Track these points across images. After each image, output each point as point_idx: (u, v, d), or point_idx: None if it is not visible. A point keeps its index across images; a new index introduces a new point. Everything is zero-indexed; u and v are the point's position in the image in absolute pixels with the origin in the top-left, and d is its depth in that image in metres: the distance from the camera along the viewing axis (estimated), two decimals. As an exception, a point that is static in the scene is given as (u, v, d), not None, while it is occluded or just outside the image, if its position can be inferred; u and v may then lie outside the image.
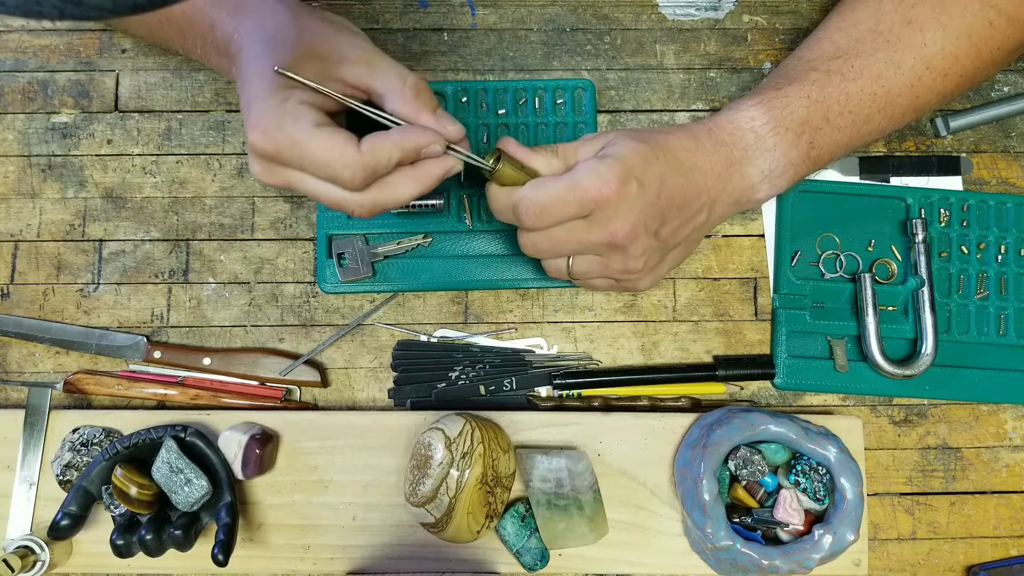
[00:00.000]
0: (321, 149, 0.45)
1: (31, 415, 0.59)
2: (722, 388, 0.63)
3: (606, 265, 0.53)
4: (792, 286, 0.64)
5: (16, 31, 0.66)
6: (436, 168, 0.49)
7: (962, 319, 0.63)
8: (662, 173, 0.50)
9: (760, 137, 0.54)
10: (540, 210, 0.49)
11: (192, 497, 0.54)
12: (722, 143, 0.54)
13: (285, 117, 0.46)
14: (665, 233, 0.52)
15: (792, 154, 0.55)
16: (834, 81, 0.55)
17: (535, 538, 0.56)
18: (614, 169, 0.48)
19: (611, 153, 0.50)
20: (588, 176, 0.48)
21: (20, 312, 0.63)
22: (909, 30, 0.55)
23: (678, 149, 0.52)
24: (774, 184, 0.56)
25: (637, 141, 0.51)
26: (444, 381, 0.62)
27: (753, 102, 0.55)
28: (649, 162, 0.50)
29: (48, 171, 0.65)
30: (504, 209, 0.52)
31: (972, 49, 0.56)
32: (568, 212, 0.49)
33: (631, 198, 0.49)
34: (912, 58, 0.55)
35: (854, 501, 0.54)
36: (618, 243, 0.50)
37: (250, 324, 0.64)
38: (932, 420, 0.63)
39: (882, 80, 0.55)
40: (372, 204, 0.48)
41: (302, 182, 0.48)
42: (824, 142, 0.55)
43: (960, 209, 0.65)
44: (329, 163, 0.46)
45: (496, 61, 0.67)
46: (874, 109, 0.55)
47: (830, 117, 0.55)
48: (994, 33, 0.55)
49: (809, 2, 0.68)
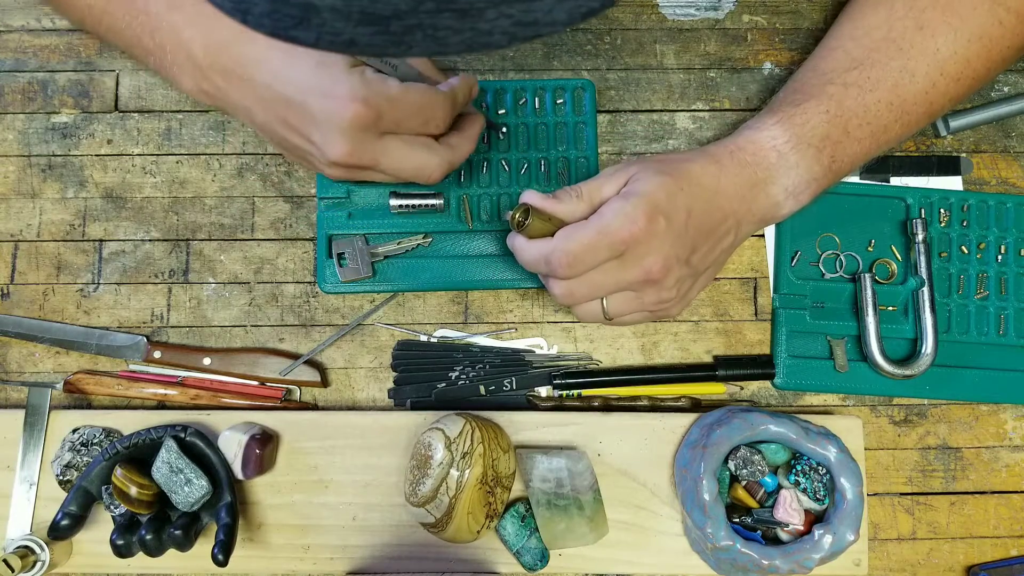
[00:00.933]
0: (417, 97, 0.51)
1: (31, 415, 0.59)
2: (722, 388, 0.63)
3: (641, 300, 0.53)
4: (792, 286, 0.64)
5: (16, 31, 0.66)
6: (476, 125, 0.57)
7: (962, 319, 0.63)
8: (687, 203, 0.51)
9: (783, 155, 0.54)
10: (573, 260, 0.49)
11: (192, 497, 0.54)
12: (745, 164, 0.54)
13: (374, 83, 0.50)
14: (696, 260, 0.53)
15: (815, 169, 0.55)
16: (852, 94, 0.55)
17: (535, 538, 0.56)
18: (640, 208, 0.49)
19: (635, 191, 0.50)
20: (616, 218, 0.49)
21: (20, 312, 0.63)
22: (921, 36, 0.55)
23: (701, 175, 0.52)
24: (798, 199, 0.56)
25: (660, 174, 0.51)
26: (444, 381, 0.62)
27: (773, 120, 0.55)
28: (673, 194, 0.50)
29: (48, 171, 0.65)
30: (535, 262, 0.52)
31: (983, 51, 0.56)
32: (600, 257, 0.50)
33: (660, 233, 0.49)
34: (926, 65, 0.55)
35: (854, 501, 0.54)
36: (653, 278, 0.51)
37: (250, 324, 0.64)
38: (932, 420, 0.63)
39: (898, 90, 0.55)
40: (448, 162, 0.54)
41: (389, 151, 0.52)
42: (844, 155, 0.55)
43: (960, 209, 0.65)
44: (427, 106, 0.51)
45: (496, 61, 0.67)
46: (891, 119, 0.56)
47: (850, 130, 0.55)
48: (1004, 32, 0.56)
49: (809, 2, 0.68)
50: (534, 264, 0.52)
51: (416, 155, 0.52)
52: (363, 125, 0.49)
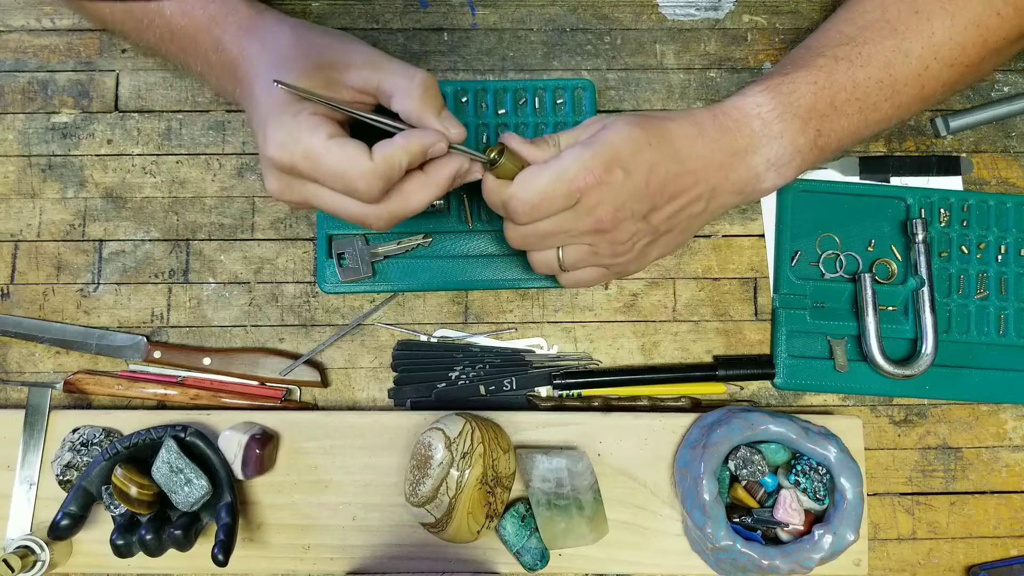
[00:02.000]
0: (336, 160, 0.45)
1: (31, 415, 0.59)
2: (722, 388, 0.63)
3: (595, 252, 0.52)
4: (792, 286, 0.64)
5: (16, 31, 0.66)
6: (445, 170, 0.49)
7: (962, 319, 0.63)
8: (652, 160, 0.50)
9: (766, 123, 0.53)
10: (529, 208, 0.49)
11: (192, 497, 0.54)
12: (726, 130, 0.53)
13: (300, 130, 0.46)
14: (656, 219, 0.52)
15: (799, 141, 0.54)
16: (841, 68, 0.54)
17: (535, 538, 0.56)
18: (598, 156, 0.48)
19: (599, 139, 0.49)
20: (572, 165, 0.48)
21: (20, 312, 0.63)
22: (917, 19, 0.55)
23: (676, 135, 0.52)
24: (780, 173, 0.55)
25: (631, 126, 0.50)
26: (444, 381, 0.62)
27: (760, 88, 0.54)
28: (639, 149, 0.50)
29: (48, 171, 0.65)
30: (496, 204, 0.52)
31: (979, 39, 0.55)
32: (556, 206, 0.49)
33: (616, 185, 0.49)
34: (920, 47, 0.55)
35: (854, 501, 0.54)
36: (603, 228, 0.50)
37: (250, 324, 0.64)
38: (932, 420, 0.63)
39: (890, 68, 0.55)
40: (390, 215, 0.48)
41: (319, 197, 0.48)
42: (831, 129, 0.55)
43: (960, 209, 0.65)
44: (345, 174, 0.45)
45: (496, 61, 0.67)
46: (881, 97, 0.55)
47: (837, 104, 0.54)
48: (1001, 23, 0.55)
49: (809, 2, 0.68)
50: (495, 206, 0.52)
51: (349, 204, 0.48)
52: (281, 168, 0.47)
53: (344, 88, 0.49)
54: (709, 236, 0.65)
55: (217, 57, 0.52)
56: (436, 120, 0.48)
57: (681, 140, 0.52)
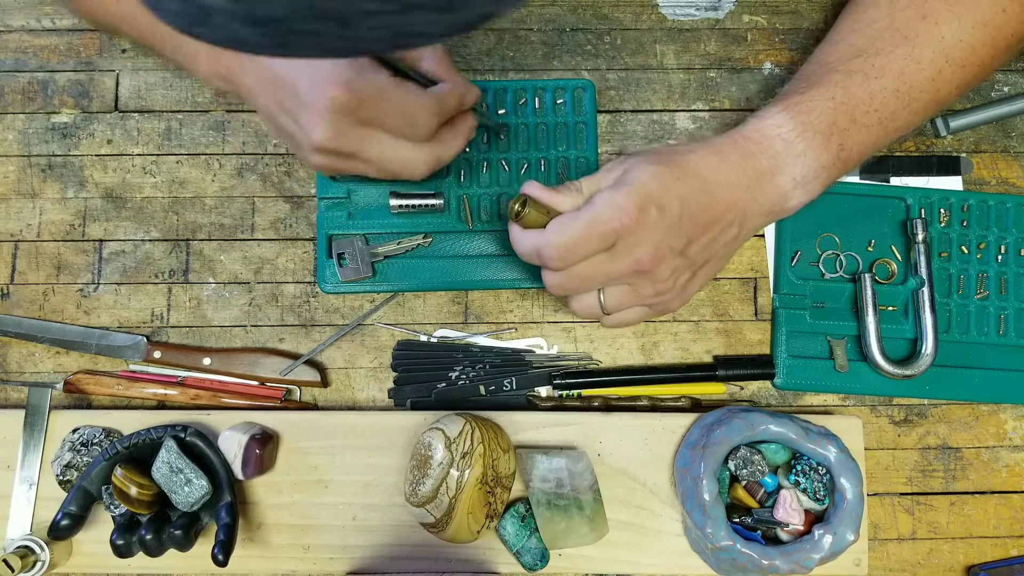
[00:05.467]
0: (403, 95, 0.49)
1: (31, 415, 0.59)
2: (722, 388, 0.63)
3: (637, 293, 0.52)
4: (792, 286, 0.64)
5: (16, 31, 0.66)
6: (469, 121, 0.54)
7: (962, 319, 0.63)
8: (683, 193, 0.50)
9: (788, 144, 0.53)
10: (564, 252, 0.49)
11: (192, 497, 0.54)
12: (749, 154, 0.53)
13: (364, 69, 0.48)
14: (693, 252, 0.52)
15: (823, 157, 0.54)
16: (857, 81, 0.54)
17: (535, 538, 0.56)
18: (631, 198, 0.48)
19: (627, 181, 0.50)
20: (606, 209, 0.48)
21: (20, 312, 0.63)
22: (925, 24, 0.55)
23: (700, 167, 0.52)
24: (807, 189, 0.55)
25: (655, 164, 0.50)
26: (444, 381, 0.62)
27: (778, 109, 0.54)
28: (668, 185, 0.50)
29: (48, 171, 0.65)
30: (528, 253, 0.52)
31: (988, 38, 0.55)
32: (591, 248, 0.49)
33: (651, 224, 0.49)
34: (931, 52, 0.55)
35: (854, 501, 0.54)
36: (644, 269, 0.50)
37: (250, 324, 0.64)
38: (932, 420, 0.63)
39: (904, 77, 0.55)
40: (434, 159, 0.52)
41: (370, 143, 0.50)
42: (853, 143, 0.55)
43: (960, 209, 0.65)
44: (410, 107, 0.49)
45: (496, 61, 0.67)
46: (899, 106, 0.55)
47: (856, 117, 0.54)
48: (1008, 20, 0.55)
49: (809, 2, 0.68)
50: (528, 255, 0.52)
51: (400, 148, 0.51)
52: (344, 109, 0.48)
53: None
54: (709, 236, 0.65)
55: None
56: (460, 79, 0.53)
57: (706, 171, 0.52)
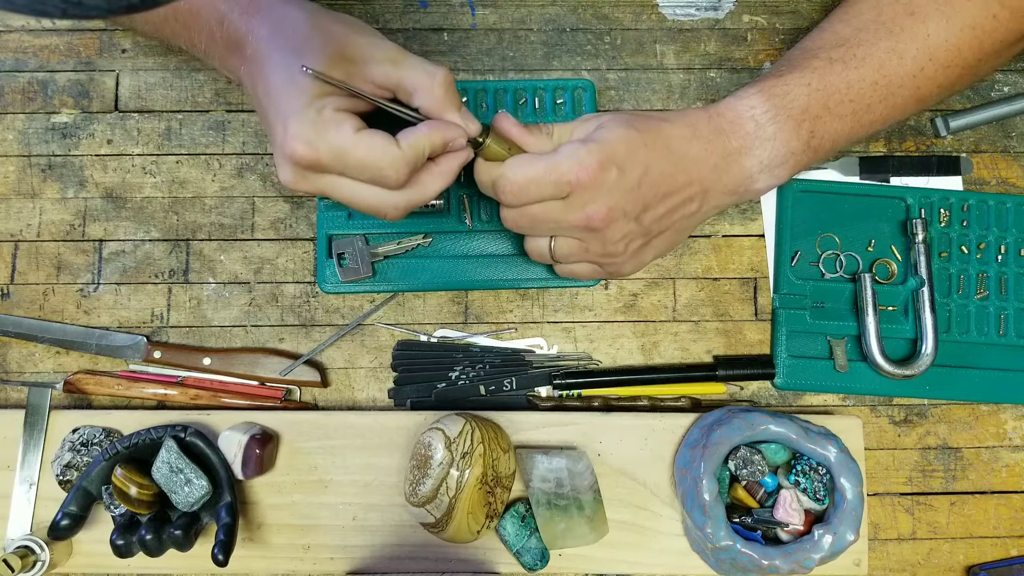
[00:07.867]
0: (366, 152, 0.47)
1: (31, 415, 0.59)
2: (722, 388, 0.63)
3: (586, 249, 0.53)
4: (792, 286, 0.64)
5: (16, 31, 0.66)
6: (456, 161, 0.51)
7: (962, 319, 0.63)
8: (647, 160, 0.50)
9: (760, 125, 0.54)
10: (517, 189, 0.49)
11: (192, 497, 0.54)
12: (720, 131, 0.53)
13: (326, 126, 0.47)
14: (648, 220, 0.52)
15: (792, 143, 0.54)
16: (835, 69, 0.54)
17: (535, 538, 0.56)
18: (594, 154, 0.49)
19: (595, 137, 0.50)
20: (567, 159, 0.49)
21: (20, 312, 0.63)
22: (912, 20, 0.55)
23: (671, 136, 0.52)
24: (774, 174, 0.55)
25: (627, 127, 0.50)
26: (444, 381, 0.62)
27: (754, 90, 0.55)
28: (634, 149, 0.50)
29: (48, 171, 0.65)
30: (486, 183, 0.52)
31: (975, 41, 0.55)
32: (544, 192, 0.49)
33: (609, 184, 0.49)
34: (915, 48, 0.55)
35: (854, 501, 0.54)
36: (594, 226, 0.50)
37: (250, 324, 0.64)
38: (932, 420, 0.63)
39: (884, 70, 0.55)
40: (407, 202, 0.50)
41: (338, 187, 0.49)
42: (825, 131, 0.55)
43: (960, 209, 0.65)
44: (375, 164, 0.47)
45: (496, 61, 0.67)
46: (876, 99, 0.55)
47: (830, 105, 0.54)
48: (997, 26, 0.55)
49: (809, 2, 0.68)
50: (485, 185, 0.52)
51: (370, 194, 0.49)
52: (303, 163, 0.47)
53: (364, 82, 0.49)
54: (709, 236, 0.65)
55: (221, 32, 0.52)
56: (458, 116, 0.50)
57: (676, 141, 0.52)
